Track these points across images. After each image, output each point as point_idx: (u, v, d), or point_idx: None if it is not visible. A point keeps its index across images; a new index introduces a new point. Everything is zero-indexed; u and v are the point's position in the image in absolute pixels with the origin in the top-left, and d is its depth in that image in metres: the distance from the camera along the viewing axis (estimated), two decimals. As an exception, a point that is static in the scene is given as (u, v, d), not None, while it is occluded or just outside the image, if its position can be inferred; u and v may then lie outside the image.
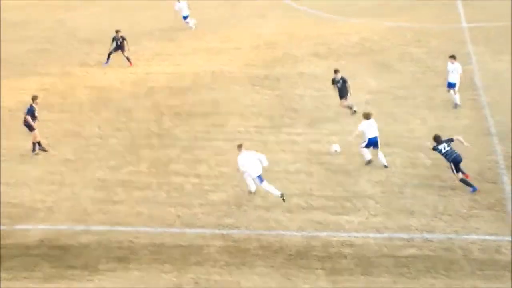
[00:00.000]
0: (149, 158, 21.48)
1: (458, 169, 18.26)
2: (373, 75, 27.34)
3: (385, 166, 19.67)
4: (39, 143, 22.13)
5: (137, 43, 33.09)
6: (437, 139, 18.54)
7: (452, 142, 18.49)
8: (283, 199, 18.05)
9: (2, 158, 21.70)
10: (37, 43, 34.02)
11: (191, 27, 34.88)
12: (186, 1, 34.86)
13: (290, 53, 30.57)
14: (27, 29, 36.37)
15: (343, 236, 16.62)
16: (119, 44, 29.89)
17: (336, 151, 19.61)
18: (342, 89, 23.16)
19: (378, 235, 16.56)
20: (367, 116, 20.08)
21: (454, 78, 23.58)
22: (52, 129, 23.74)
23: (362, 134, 20.00)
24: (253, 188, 18.73)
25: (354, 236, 16.57)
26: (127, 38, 29.80)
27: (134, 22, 37.29)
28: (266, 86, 26.97)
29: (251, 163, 18.15)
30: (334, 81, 23.33)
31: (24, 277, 15.48)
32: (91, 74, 29.40)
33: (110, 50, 29.96)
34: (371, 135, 19.81)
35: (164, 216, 18.07)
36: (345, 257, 15.77)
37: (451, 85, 23.64)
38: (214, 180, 19.80)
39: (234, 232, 17.08)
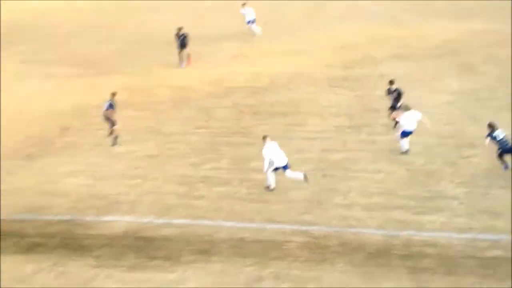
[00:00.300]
0: (230, 155, 21.70)
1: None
2: (455, 77, 26.93)
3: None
4: (116, 137, 22.70)
5: (216, 45, 33.63)
6: (492, 126, 18.69)
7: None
8: (306, 179, 18.65)
9: (91, 153, 22.32)
10: (122, 44, 34.85)
11: (254, 33, 34.92)
12: (251, 7, 34.92)
13: (370, 54, 30.40)
14: (112, 30, 37.37)
15: (425, 235, 16.36)
16: (182, 41, 30.40)
17: None
18: (395, 101, 22.19)
19: (462, 236, 16.22)
20: (407, 108, 20.36)
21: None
22: (136, 126, 24.27)
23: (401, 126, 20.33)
24: (273, 183, 19.01)
25: (437, 236, 16.29)
26: (207, 40, 30.24)
27: (213, 24, 37.95)
28: (345, 87, 26.91)
29: (277, 153, 18.70)
30: (388, 92, 22.66)
31: (111, 266, 15.86)
32: (173, 74, 29.91)
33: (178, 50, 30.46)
34: (410, 127, 20.10)
35: (245, 212, 18.20)
36: (427, 256, 15.51)
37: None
38: (294, 177, 19.82)
39: (314, 228, 17.04)
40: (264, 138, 19.06)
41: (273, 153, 18.76)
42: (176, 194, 19.50)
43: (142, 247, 16.87)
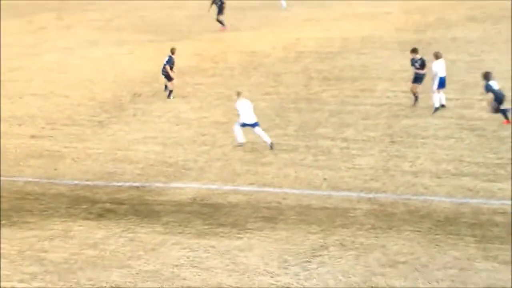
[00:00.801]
0: (297, 121, 21.69)
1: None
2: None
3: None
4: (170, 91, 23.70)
5: (288, 10, 33.46)
6: (487, 76, 19.15)
7: None
8: (271, 148, 19.70)
9: (161, 120, 22.68)
10: (193, 10, 35.04)
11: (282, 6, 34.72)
12: None
13: (443, 17, 29.68)
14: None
15: (495, 203, 16.03)
16: (220, 7, 31.02)
17: None
18: (419, 71, 21.42)
19: (533, 204, 15.83)
20: (437, 56, 21.02)
21: None
22: (205, 93, 24.52)
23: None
24: (242, 139, 20.04)
25: (507, 204, 15.92)
26: (277, 4, 30.13)
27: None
28: (417, 51, 26.33)
29: (247, 110, 19.74)
30: (412, 62, 21.74)
31: (179, 232, 16.17)
32: (242, 40, 29.95)
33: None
34: (442, 74, 20.70)
35: (311, 179, 18.19)
36: (497, 225, 15.18)
37: None
38: (361, 144, 19.66)
39: (380, 196, 16.91)
40: (238, 94, 20.22)
41: (243, 110, 19.81)
42: (243, 160, 19.64)
43: (209, 214, 17.10)
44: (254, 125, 19.96)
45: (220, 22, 31.43)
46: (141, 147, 20.83)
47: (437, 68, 20.81)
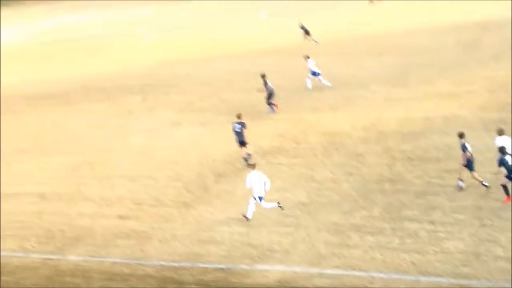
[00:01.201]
0: (382, 203, 21.48)
1: None
2: None
3: None
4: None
5: (366, 88, 33.62)
6: (503, 151, 19.36)
7: None
8: (281, 207, 20.98)
9: (245, 200, 22.85)
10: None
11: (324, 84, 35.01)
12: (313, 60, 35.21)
13: (529, 96, 29.16)
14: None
15: None
16: (272, 88, 31.81)
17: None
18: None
19: None
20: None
21: None
22: (287, 173, 24.66)
23: None
24: (250, 214, 20.90)
25: None
26: (356, 83, 30.27)
27: (362, 67, 38.04)
28: (501, 131, 25.89)
29: (257, 182, 20.83)
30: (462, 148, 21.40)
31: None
32: (323, 120, 30.14)
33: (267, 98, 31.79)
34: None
35: (398, 263, 17.88)
36: None
37: None
38: (449, 227, 19.26)
39: (473, 283, 16.44)
40: (252, 166, 21.67)
41: (253, 182, 20.89)
42: (328, 242, 19.51)
43: (295, 298, 17.03)
44: (260, 198, 21.01)
45: (270, 104, 32.27)
46: (226, 228, 20.99)
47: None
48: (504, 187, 19.77)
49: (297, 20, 46.40)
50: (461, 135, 21.47)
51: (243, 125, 25.59)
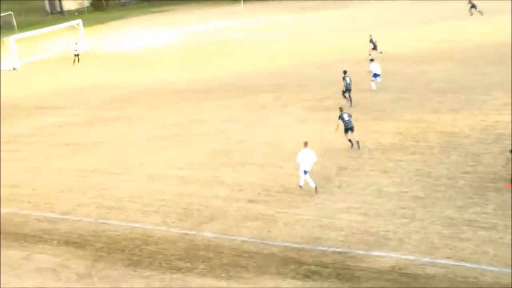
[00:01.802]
0: (496, 200, 20.68)
1: None
2: None
3: None
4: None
5: (487, 93, 32.41)
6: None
7: None
8: (316, 190, 22.55)
9: (364, 192, 22.68)
10: (396, 93, 34.99)
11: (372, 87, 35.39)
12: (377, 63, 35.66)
13: None
14: (388, 80, 37.60)
15: None
16: (348, 84, 32.66)
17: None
18: None
19: None
20: None
21: None
22: (406, 169, 24.20)
23: None
24: (302, 182, 22.68)
25: None
26: (476, 88, 29.19)
27: (484, 73, 36.65)
28: None
29: (306, 159, 22.35)
30: None
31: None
32: (443, 121, 29.30)
33: (343, 91, 32.89)
34: None
35: (510, 258, 17.15)
36: None
37: None
38: (563, 227, 18.25)
39: None
40: (305, 144, 22.88)
41: (303, 157, 22.38)
42: (441, 235, 19.05)
43: (407, 283, 16.73)
44: (305, 172, 22.58)
45: (349, 98, 33.09)
46: (345, 216, 20.92)
47: None
48: None
49: (368, 35, 45.61)
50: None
51: (351, 115, 26.86)
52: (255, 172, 25.57)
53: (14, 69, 59.01)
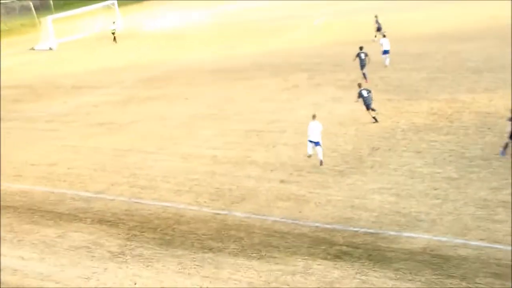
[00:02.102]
0: (532, 182, 20.28)
1: None
2: None
3: None
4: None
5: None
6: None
7: None
8: (321, 164, 23.23)
9: (397, 172, 22.44)
10: (430, 72, 34.48)
11: (386, 65, 35.88)
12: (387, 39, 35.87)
13: None
14: (423, 60, 37.14)
15: None
16: (363, 60, 32.92)
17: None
18: None
19: None
20: None
21: None
22: (440, 150, 23.86)
23: None
24: (310, 151, 23.42)
25: None
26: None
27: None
28: None
29: (314, 130, 22.99)
30: None
31: (409, 279, 15.79)
32: (478, 101, 28.77)
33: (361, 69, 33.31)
34: None
35: (544, 240, 16.87)
36: None
37: None
38: None
39: None
40: (313, 116, 23.45)
41: (312, 129, 23.05)
42: (475, 216, 18.76)
43: (439, 265, 16.54)
44: (317, 143, 23.18)
45: (364, 75, 33.28)
46: (377, 197, 20.75)
47: None
48: None
49: (374, 16, 45.07)
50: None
51: (370, 91, 27.43)
52: (287, 151, 25.49)
53: (50, 49, 59.67)
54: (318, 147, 23.31)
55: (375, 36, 42.77)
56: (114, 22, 60.21)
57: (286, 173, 23.42)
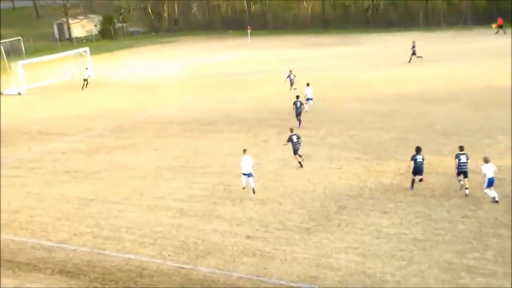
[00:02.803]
0: (496, 247, 20.59)
1: None
2: None
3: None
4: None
5: (491, 137, 32.44)
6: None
7: None
8: (254, 192, 26.39)
9: (363, 232, 22.58)
10: (399, 132, 35.05)
11: (306, 110, 38.98)
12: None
13: None
14: (391, 120, 37.81)
15: None
16: (298, 107, 36.37)
17: None
18: None
19: None
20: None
21: None
22: (406, 210, 24.19)
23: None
24: (244, 183, 26.63)
25: None
26: (481, 133, 29.17)
27: (488, 116, 36.75)
28: None
29: (246, 164, 26.22)
30: None
31: None
32: (445, 163, 29.29)
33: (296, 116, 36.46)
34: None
35: (507, 306, 17.03)
36: None
37: None
38: None
39: None
40: (244, 151, 26.71)
41: (244, 163, 26.26)
42: (439, 279, 18.95)
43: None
44: (249, 175, 26.36)
45: (299, 122, 36.89)
46: (343, 256, 20.84)
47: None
48: None
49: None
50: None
51: (299, 137, 29.92)
52: (254, 207, 25.54)
53: (19, 93, 59.37)
54: (250, 178, 26.39)
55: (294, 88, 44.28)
56: (87, 68, 60.28)
57: (252, 229, 23.43)
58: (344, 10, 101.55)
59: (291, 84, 45.86)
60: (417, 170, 25.85)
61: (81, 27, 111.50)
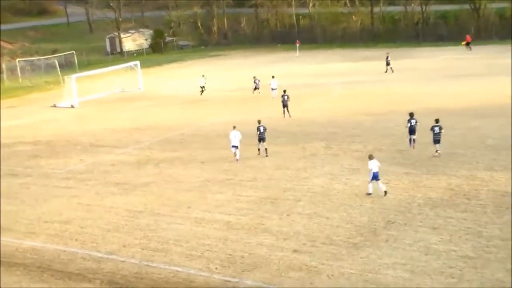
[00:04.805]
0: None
1: None
2: None
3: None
4: None
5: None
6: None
7: None
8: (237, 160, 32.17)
9: (412, 248, 22.26)
10: (449, 147, 34.42)
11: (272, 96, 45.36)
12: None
13: None
14: (442, 134, 37.13)
15: None
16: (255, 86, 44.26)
17: None
18: None
19: None
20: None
21: None
22: (456, 227, 23.72)
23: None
24: (238, 156, 34.11)
25: None
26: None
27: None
28: None
29: (234, 137, 33.45)
30: None
31: None
32: (497, 179, 28.68)
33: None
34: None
35: (562, 326, 16.49)
36: None
37: None
38: None
39: None
40: (233, 127, 34.00)
41: (233, 137, 33.58)
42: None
43: None
44: (236, 147, 34.20)
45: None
46: (391, 272, 20.54)
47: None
48: None
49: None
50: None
51: (266, 129, 35.69)
52: (301, 221, 25.43)
53: (72, 106, 60.67)
54: (237, 150, 33.45)
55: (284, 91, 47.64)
56: (203, 76, 61.66)
57: (299, 243, 23.31)
58: (393, 23, 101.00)
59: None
60: (412, 130, 33.78)
61: (132, 41, 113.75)
